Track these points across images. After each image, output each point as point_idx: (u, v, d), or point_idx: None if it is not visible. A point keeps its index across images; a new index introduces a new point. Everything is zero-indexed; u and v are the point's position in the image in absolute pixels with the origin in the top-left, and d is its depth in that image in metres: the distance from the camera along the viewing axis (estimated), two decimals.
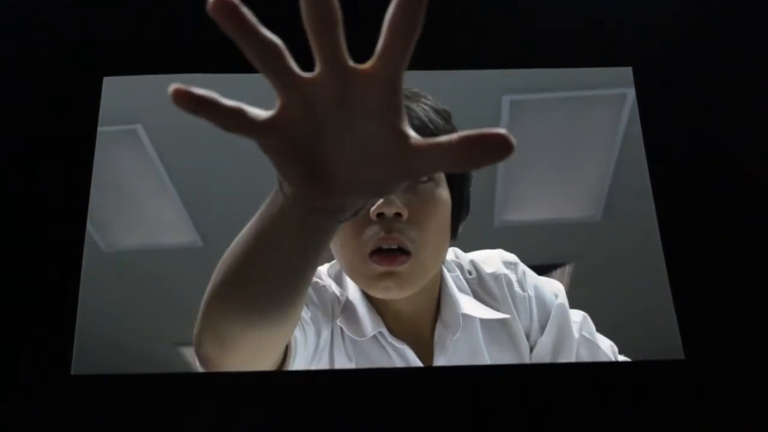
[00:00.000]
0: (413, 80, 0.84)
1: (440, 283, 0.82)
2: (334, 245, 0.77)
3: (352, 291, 0.80)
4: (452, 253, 0.85)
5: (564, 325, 0.83)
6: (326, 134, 0.37)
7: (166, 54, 1.00)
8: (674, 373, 0.84)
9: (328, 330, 0.77)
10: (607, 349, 0.84)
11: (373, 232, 0.74)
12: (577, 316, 0.85)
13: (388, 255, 0.73)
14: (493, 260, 0.86)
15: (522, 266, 0.85)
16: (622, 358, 0.85)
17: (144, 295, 0.90)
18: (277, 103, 0.37)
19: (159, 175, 0.96)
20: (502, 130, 0.34)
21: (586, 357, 0.83)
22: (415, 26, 0.35)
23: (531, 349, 0.83)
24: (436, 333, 0.80)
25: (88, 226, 0.89)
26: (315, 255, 0.47)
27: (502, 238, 0.99)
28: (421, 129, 0.74)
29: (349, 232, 0.74)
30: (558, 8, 1.04)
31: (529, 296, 0.83)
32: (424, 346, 0.80)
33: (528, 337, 0.83)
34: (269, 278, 0.49)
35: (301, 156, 0.37)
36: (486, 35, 1.02)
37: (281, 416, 0.81)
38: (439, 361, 0.80)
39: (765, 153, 0.96)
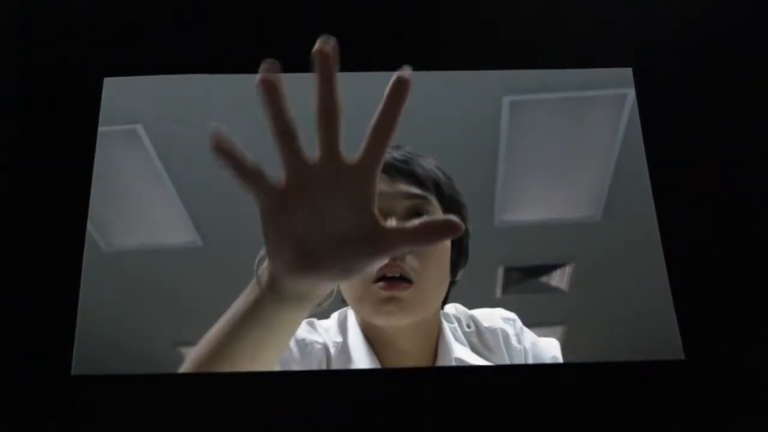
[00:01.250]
0: (414, 80, 0.84)
1: (438, 333, 0.84)
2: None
3: (353, 337, 0.83)
4: (453, 308, 0.88)
5: None
6: (311, 215, 0.45)
7: (167, 54, 1.00)
8: (674, 374, 0.84)
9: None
10: None
11: None
12: None
13: (391, 281, 0.78)
14: (492, 316, 0.88)
15: (520, 323, 0.88)
16: None
17: (144, 295, 0.90)
18: (283, 174, 0.45)
19: (159, 175, 0.96)
20: (450, 218, 0.45)
21: None
22: (392, 131, 0.45)
23: None
24: None
25: (88, 226, 0.89)
26: (281, 344, 0.56)
27: (502, 238, 0.99)
28: (435, 181, 0.82)
29: None
30: (558, 9, 1.04)
31: (525, 349, 0.86)
32: None
33: None
34: (239, 365, 0.56)
35: (288, 228, 0.45)
36: (486, 35, 1.02)
37: (281, 416, 0.81)
38: None
39: (765, 153, 0.96)
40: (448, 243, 0.82)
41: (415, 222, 0.45)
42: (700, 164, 0.95)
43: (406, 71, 0.45)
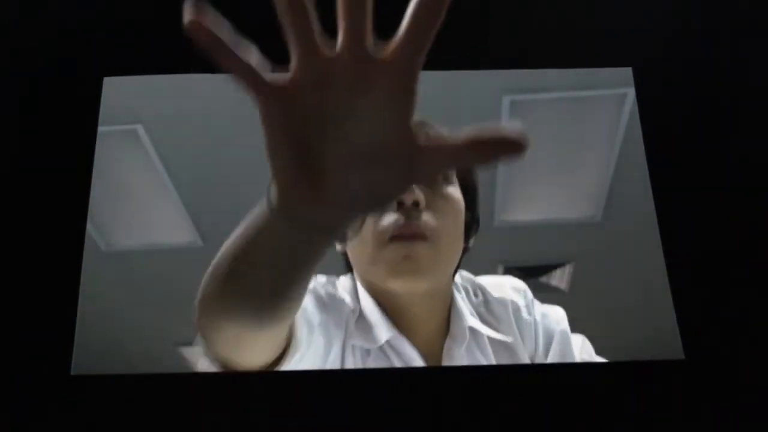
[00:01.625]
0: None
1: (450, 302, 0.83)
2: (354, 240, 0.78)
3: (366, 302, 0.81)
4: (458, 276, 0.86)
5: (566, 351, 0.84)
6: (330, 124, 0.34)
7: (167, 54, 1.00)
8: (674, 373, 0.84)
9: (339, 344, 0.77)
10: None
11: (393, 219, 0.75)
12: (578, 340, 0.86)
13: (406, 239, 0.74)
14: (501, 285, 0.87)
15: (530, 293, 0.86)
16: None
17: (144, 295, 0.90)
18: (291, 69, 0.33)
19: (159, 175, 0.96)
20: (513, 130, 0.32)
21: None
22: (441, 12, 0.32)
23: None
24: (446, 345, 0.81)
25: (88, 226, 0.89)
26: (300, 276, 0.45)
27: (502, 238, 0.99)
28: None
29: (368, 224, 0.76)
30: (558, 9, 1.04)
31: (535, 321, 0.84)
32: (434, 360, 0.81)
33: (532, 362, 0.84)
34: (249, 296, 0.48)
35: (298, 142, 0.34)
36: (486, 35, 1.02)
37: (281, 416, 0.81)
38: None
39: (764, 153, 0.96)
40: (462, 200, 0.79)
41: (466, 133, 0.33)
42: (700, 164, 0.95)
43: None
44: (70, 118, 0.95)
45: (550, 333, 0.84)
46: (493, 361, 0.81)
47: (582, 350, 0.84)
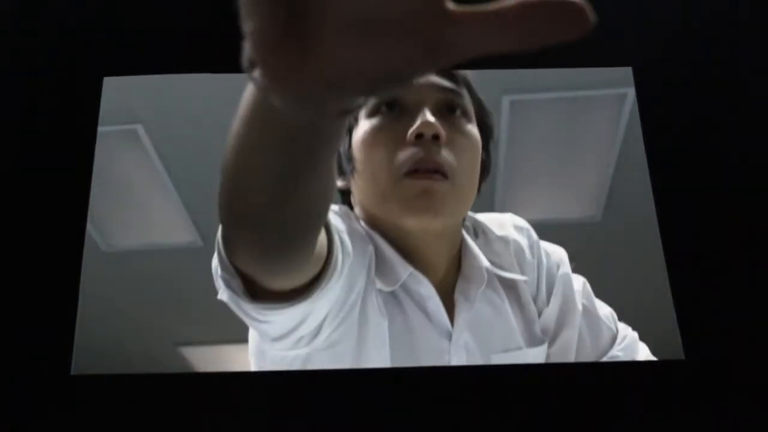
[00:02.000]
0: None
1: (461, 244, 0.79)
2: (365, 173, 0.74)
3: (380, 243, 0.76)
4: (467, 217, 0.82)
5: (568, 295, 0.81)
6: None
7: (166, 54, 1.00)
8: (674, 373, 0.84)
9: (362, 284, 0.72)
10: (608, 319, 0.83)
11: (410, 153, 0.72)
12: (578, 283, 0.83)
13: (425, 174, 0.71)
14: (503, 223, 0.83)
15: (534, 233, 0.83)
16: (621, 325, 0.84)
17: (144, 295, 0.90)
18: None
19: (159, 175, 0.96)
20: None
21: (586, 330, 0.82)
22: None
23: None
24: (458, 287, 0.77)
25: (88, 226, 0.89)
26: (313, 164, 0.38)
27: None
28: (466, 80, 0.75)
29: (383, 154, 0.73)
30: None
31: (539, 263, 0.81)
32: (447, 302, 0.77)
33: (534, 303, 0.81)
34: (264, 193, 0.42)
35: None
36: None
37: (282, 416, 0.81)
38: (461, 315, 0.76)
39: (764, 153, 0.96)
40: (479, 138, 0.76)
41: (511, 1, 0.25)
42: (700, 164, 0.95)
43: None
44: (70, 118, 0.95)
45: (552, 277, 0.82)
46: (506, 302, 0.78)
47: (583, 296, 0.82)
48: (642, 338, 0.83)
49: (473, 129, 0.76)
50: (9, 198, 0.91)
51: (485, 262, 0.78)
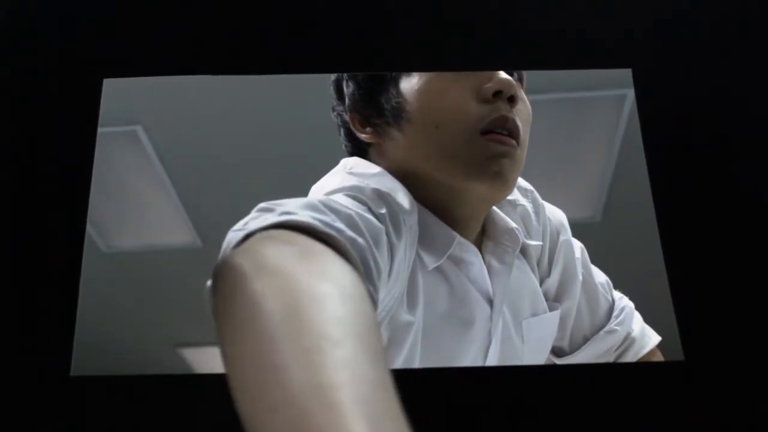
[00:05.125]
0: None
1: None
2: (423, 126, 0.67)
3: (423, 211, 0.69)
4: None
5: (569, 264, 0.78)
6: None
7: (166, 55, 1.00)
8: (673, 374, 0.84)
9: (410, 258, 0.65)
10: (604, 289, 0.82)
11: (487, 110, 0.67)
12: (577, 250, 0.81)
13: (503, 136, 0.65)
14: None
15: (538, 196, 0.79)
16: (617, 294, 0.83)
17: (144, 295, 0.90)
18: None
19: (159, 176, 0.96)
20: None
21: (584, 302, 0.79)
22: None
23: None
24: (486, 248, 0.72)
25: (88, 227, 0.89)
26: None
27: None
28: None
29: (454, 105, 0.67)
30: (557, 9, 1.04)
31: (543, 229, 0.78)
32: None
33: (538, 267, 0.79)
34: None
35: None
36: (485, 36, 1.02)
37: None
38: (501, 279, 0.72)
39: (765, 154, 0.96)
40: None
41: None
42: (700, 164, 0.95)
43: None
44: (70, 119, 0.95)
45: (554, 243, 0.79)
46: (527, 265, 0.74)
47: (582, 263, 0.80)
48: None
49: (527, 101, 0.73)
50: (9, 198, 0.91)
51: (512, 224, 0.74)
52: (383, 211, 0.59)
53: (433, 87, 0.69)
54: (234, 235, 0.43)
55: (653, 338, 0.81)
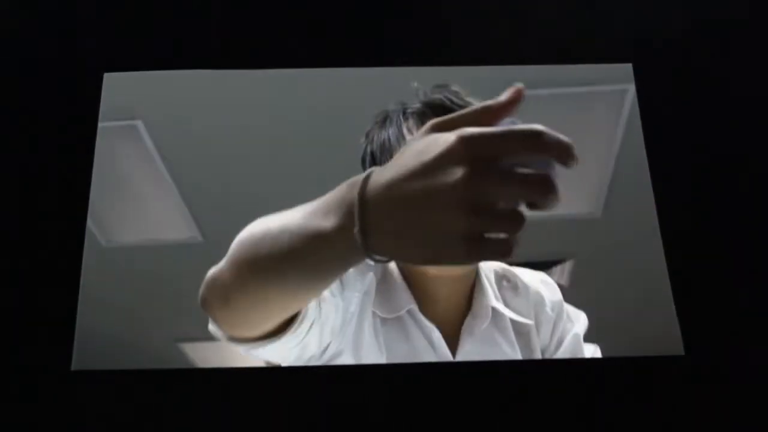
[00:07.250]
0: (413, 77, 0.84)
1: (475, 277, 0.81)
2: None
3: (392, 266, 0.79)
4: (498, 264, 0.85)
5: (575, 355, 0.84)
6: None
7: (167, 50, 1.00)
8: (674, 369, 0.84)
9: (356, 306, 0.75)
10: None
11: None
12: (590, 348, 0.85)
13: None
14: (532, 276, 0.86)
15: (559, 292, 0.85)
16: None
17: (144, 290, 0.91)
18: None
19: (159, 171, 0.96)
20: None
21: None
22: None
23: None
24: (466, 322, 0.80)
25: (88, 221, 0.89)
26: (330, 280, 0.50)
27: None
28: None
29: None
30: (558, 5, 1.04)
31: (556, 318, 0.83)
32: (451, 334, 0.79)
33: (542, 354, 0.83)
34: (275, 289, 0.50)
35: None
36: (485, 33, 1.02)
37: (282, 413, 0.81)
38: (465, 347, 0.79)
39: (765, 150, 0.96)
40: None
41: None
42: (701, 160, 0.95)
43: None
44: (71, 114, 0.95)
45: (564, 333, 0.84)
46: (514, 343, 0.80)
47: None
48: (642, 334, 0.83)
49: None
50: (9, 193, 0.91)
51: (493, 301, 0.80)
52: None
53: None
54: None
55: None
